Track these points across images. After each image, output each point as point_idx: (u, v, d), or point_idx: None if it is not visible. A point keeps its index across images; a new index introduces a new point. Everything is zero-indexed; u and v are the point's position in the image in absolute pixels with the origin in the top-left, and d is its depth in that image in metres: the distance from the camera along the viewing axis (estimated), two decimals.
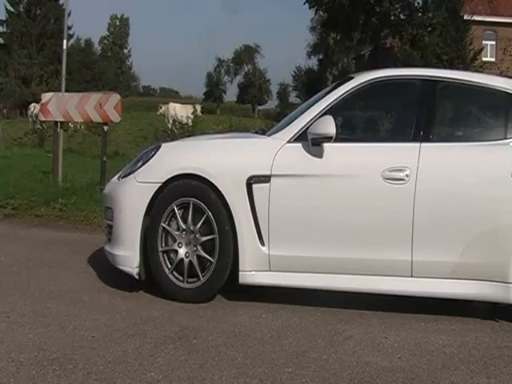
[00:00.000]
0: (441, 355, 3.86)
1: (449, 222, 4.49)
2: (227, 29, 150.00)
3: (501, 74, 16.29)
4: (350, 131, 5.26)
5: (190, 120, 22.73)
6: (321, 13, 27.99)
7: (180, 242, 4.69)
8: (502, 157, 4.59)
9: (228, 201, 4.57)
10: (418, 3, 26.16)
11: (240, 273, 4.58)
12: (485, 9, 33.11)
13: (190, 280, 4.67)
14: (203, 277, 4.64)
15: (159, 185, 4.67)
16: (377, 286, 4.54)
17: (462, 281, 4.49)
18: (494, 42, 37.52)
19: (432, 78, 4.89)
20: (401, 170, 4.52)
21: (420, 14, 25.34)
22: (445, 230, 4.49)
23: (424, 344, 4.04)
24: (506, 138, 4.67)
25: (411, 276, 4.51)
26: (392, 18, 25.49)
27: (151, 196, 4.68)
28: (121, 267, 4.81)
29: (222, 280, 4.63)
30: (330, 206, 4.57)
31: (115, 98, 9.44)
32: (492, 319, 4.60)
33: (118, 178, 5.05)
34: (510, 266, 4.42)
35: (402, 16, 25.63)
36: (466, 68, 20.82)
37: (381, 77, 4.90)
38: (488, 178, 4.54)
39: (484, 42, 35.02)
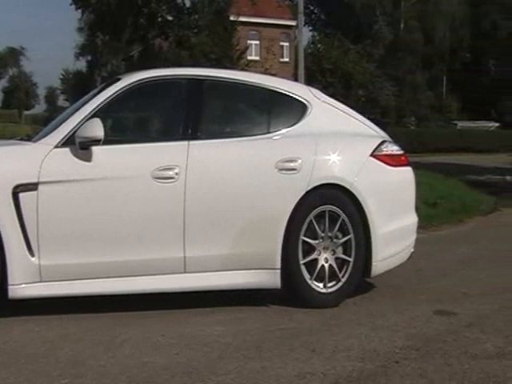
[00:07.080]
0: (217, 346, 3.97)
1: (218, 217, 4.65)
2: None
3: (265, 72, 17.18)
4: (119, 133, 5.22)
5: None
6: (88, 14, 27.37)
7: None
8: (266, 150, 4.84)
9: None
10: (184, 4, 26.60)
11: (9, 287, 4.34)
12: (249, 10, 34.54)
13: None
14: None
15: None
16: (152, 285, 4.57)
17: (234, 271, 4.68)
18: (258, 42, 39.39)
19: (198, 77, 5.03)
20: (170, 169, 4.59)
21: (187, 16, 25.79)
22: (214, 224, 4.64)
23: (200, 337, 4.14)
24: (269, 132, 4.94)
25: (185, 272, 4.61)
26: (159, 19, 25.66)
27: None
28: None
29: None
30: (100, 210, 4.51)
31: None
32: (264, 305, 4.83)
33: None
34: (277, 253, 4.69)
35: (169, 17, 25.91)
36: (233, 67, 21.58)
37: (148, 77, 4.94)
38: (254, 171, 4.76)
39: (249, 41, 36.52)
